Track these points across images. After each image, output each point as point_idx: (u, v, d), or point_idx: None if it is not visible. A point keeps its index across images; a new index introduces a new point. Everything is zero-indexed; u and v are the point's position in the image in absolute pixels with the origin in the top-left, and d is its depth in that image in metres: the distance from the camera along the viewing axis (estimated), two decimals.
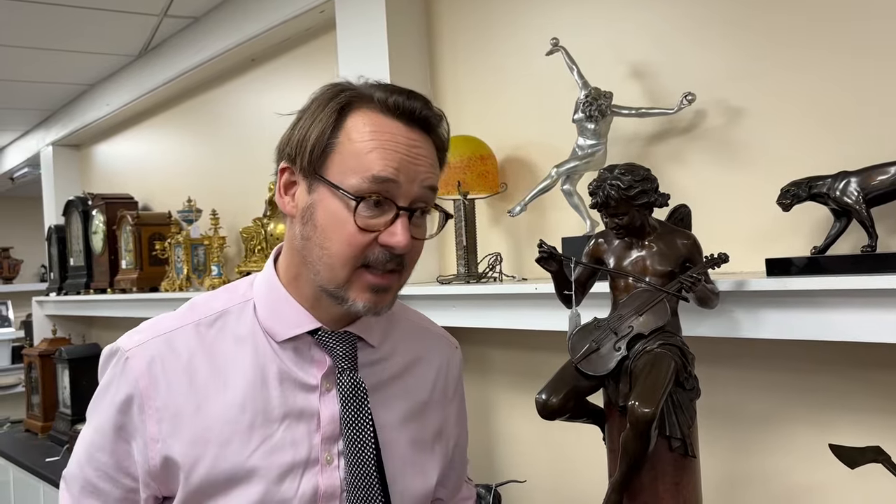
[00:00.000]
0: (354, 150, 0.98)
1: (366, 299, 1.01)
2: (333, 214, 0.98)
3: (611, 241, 1.33)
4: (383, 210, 0.98)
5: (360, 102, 1.01)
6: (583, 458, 1.83)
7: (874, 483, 1.24)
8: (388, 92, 1.01)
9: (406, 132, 1.00)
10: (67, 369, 3.91)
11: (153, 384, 1.02)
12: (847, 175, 1.29)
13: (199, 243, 3.22)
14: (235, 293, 1.11)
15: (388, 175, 0.97)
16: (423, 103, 1.02)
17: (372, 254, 0.99)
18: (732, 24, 1.57)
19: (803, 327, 1.29)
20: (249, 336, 1.07)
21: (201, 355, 1.05)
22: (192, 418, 1.02)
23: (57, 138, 4.66)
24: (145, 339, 1.06)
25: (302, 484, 1.04)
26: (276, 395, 1.05)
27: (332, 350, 1.07)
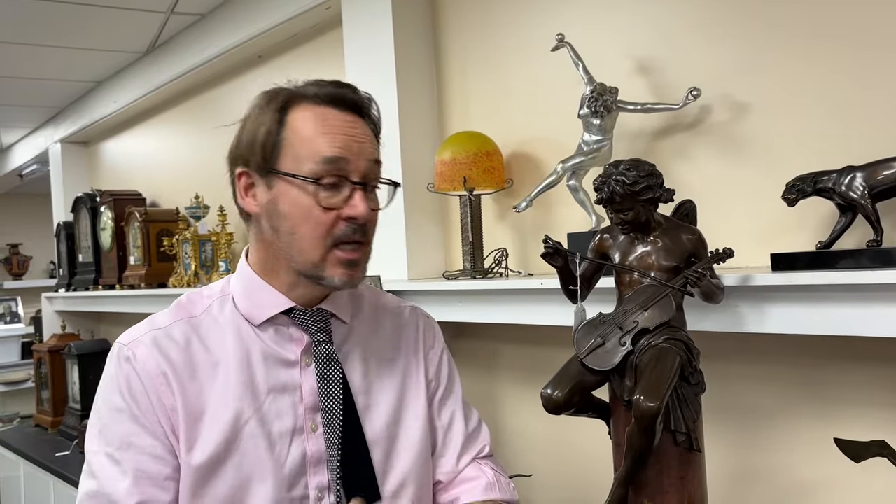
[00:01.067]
0: (302, 139, 1.10)
1: (341, 274, 1.11)
2: (295, 202, 1.09)
3: (616, 237, 1.33)
4: (339, 188, 1.09)
5: (297, 99, 1.13)
6: (588, 453, 1.84)
7: (879, 477, 1.24)
8: (319, 86, 1.13)
9: (343, 116, 1.12)
10: (77, 365, 3.93)
11: (161, 363, 1.12)
12: (852, 170, 1.29)
13: (207, 239, 3.23)
14: (214, 291, 1.23)
15: (337, 154, 1.09)
16: (352, 90, 1.14)
17: (339, 230, 1.10)
18: (738, 18, 1.57)
19: (808, 322, 1.29)
20: (231, 324, 1.18)
21: (196, 341, 1.16)
22: (195, 395, 1.12)
23: (65, 135, 4.68)
24: (145, 331, 1.16)
25: (291, 450, 1.15)
26: (261, 372, 1.16)
27: (307, 326, 1.18)
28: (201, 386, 1.13)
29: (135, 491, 1.08)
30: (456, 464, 1.33)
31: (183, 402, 1.11)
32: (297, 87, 1.14)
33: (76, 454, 3.52)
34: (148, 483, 1.09)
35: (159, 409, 1.10)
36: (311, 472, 1.16)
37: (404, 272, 2.15)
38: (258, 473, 1.12)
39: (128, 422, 1.11)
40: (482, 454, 1.37)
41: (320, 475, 1.16)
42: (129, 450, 1.10)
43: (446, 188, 1.98)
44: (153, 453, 1.10)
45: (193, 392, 1.12)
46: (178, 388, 1.11)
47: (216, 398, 1.13)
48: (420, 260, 2.19)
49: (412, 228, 2.17)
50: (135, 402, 1.11)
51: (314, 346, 1.18)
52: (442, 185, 1.99)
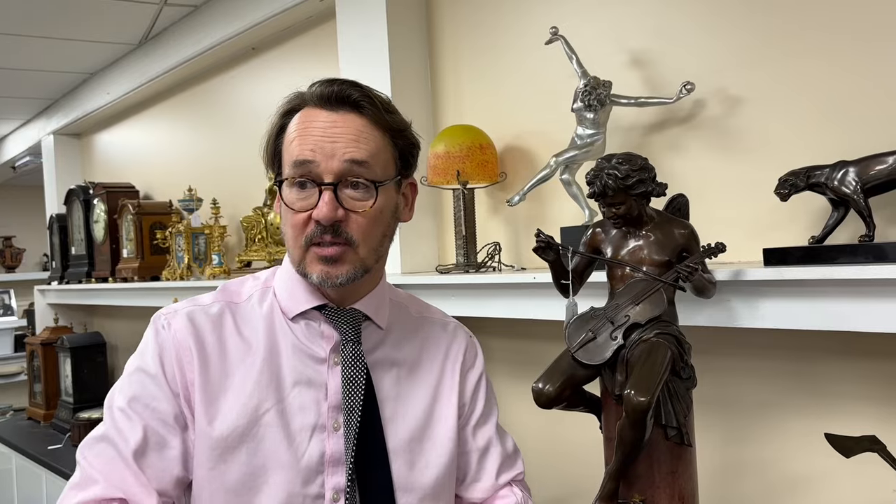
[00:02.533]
0: (287, 144, 1.13)
1: (318, 270, 1.12)
2: (280, 203, 1.14)
3: (608, 231, 1.33)
4: (311, 191, 1.10)
5: (300, 104, 1.14)
6: (579, 447, 1.84)
7: (870, 472, 1.24)
8: (316, 86, 1.13)
9: (326, 115, 1.10)
10: (69, 358, 3.92)
11: (189, 336, 1.15)
12: (845, 165, 1.29)
13: (200, 232, 3.22)
14: (259, 280, 1.26)
15: (304, 157, 1.09)
16: (343, 85, 1.11)
17: (309, 230, 1.11)
18: (732, 13, 1.56)
19: (800, 317, 1.29)
20: (269, 314, 1.20)
21: (231, 325, 1.18)
22: (219, 375, 1.14)
23: (58, 127, 4.66)
24: (185, 307, 1.20)
25: (310, 446, 1.14)
26: (288, 364, 1.16)
27: (337, 323, 1.18)
28: (227, 368, 1.15)
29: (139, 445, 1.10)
30: (494, 484, 1.30)
31: (203, 379, 1.13)
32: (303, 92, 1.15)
33: (68, 447, 3.51)
34: (154, 447, 1.11)
35: (180, 378, 1.13)
36: (329, 471, 1.14)
37: (397, 266, 2.15)
38: (273, 463, 1.12)
39: (149, 384, 1.13)
40: (518, 479, 1.34)
41: (338, 476, 1.14)
42: (142, 407, 1.12)
43: (439, 182, 1.98)
44: (163, 418, 1.12)
45: (217, 371, 1.14)
46: (201, 365, 1.13)
47: (239, 382, 1.14)
48: (413, 253, 2.18)
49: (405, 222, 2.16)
50: (160, 368, 1.13)
51: (342, 344, 1.18)
52: (435, 178, 1.98)
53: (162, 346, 1.15)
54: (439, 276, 1.96)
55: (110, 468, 1.09)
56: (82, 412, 3.68)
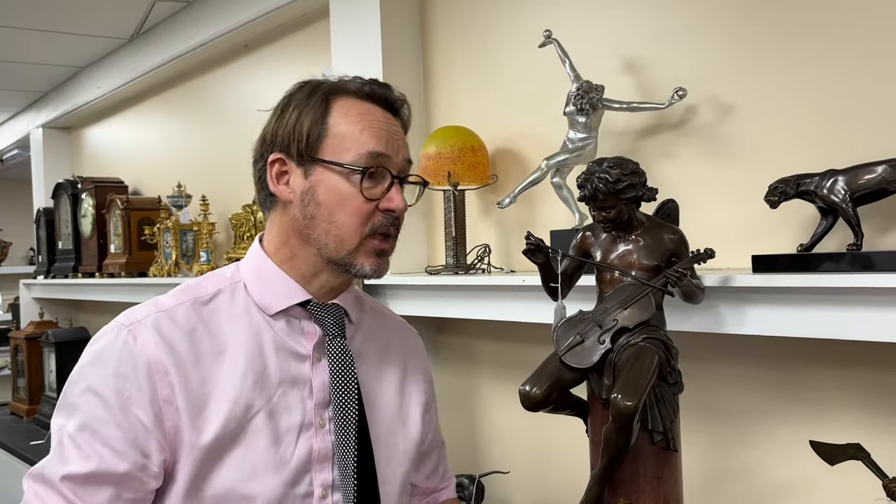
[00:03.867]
0: (346, 131, 1.11)
1: (372, 263, 1.13)
2: (336, 190, 1.10)
3: (598, 235, 1.33)
4: (378, 181, 1.12)
5: (340, 92, 1.14)
6: (566, 450, 1.84)
7: (855, 479, 1.25)
8: (360, 82, 1.16)
9: (383, 114, 1.16)
10: (54, 353, 3.89)
11: (161, 351, 1.07)
12: (835, 173, 1.29)
13: (189, 229, 3.21)
14: (224, 276, 1.20)
15: (381, 150, 1.12)
16: (391, 90, 1.18)
17: (376, 220, 1.12)
18: (726, 20, 1.57)
19: (787, 324, 1.29)
20: (244, 312, 1.15)
21: (202, 329, 1.12)
22: (198, 384, 1.08)
23: (47, 120, 4.63)
24: (147, 314, 1.11)
25: (298, 446, 1.13)
26: (273, 363, 1.13)
27: (321, 320, 1.17)
28: (205, 374, 1.09)
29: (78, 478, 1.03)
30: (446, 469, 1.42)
31: (184, 393, 1.06)
32: (338, 81, 1.16)
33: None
34: (99, 475, 1.04)
35: (149, 399, 1.05)
36: (317, 468, 1.14)
37: None
38: (262, 467, 1.09)
39: (98, 408, 1.05)
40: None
41: (325, 472, 1.14)
42: (89, 435, 1.05)
43: (430, 182, 1.97)
44: (112, 446, 1.04)
45: (196, 381, 1.08)
46: (179, 379, 1.06)
47: (223, 387, 1.09)
48: (402, 254, 2.17)
49: None
50: (116, 391, 1.05)
51: (327, 340, 1.17)
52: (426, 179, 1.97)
53: (121, 364, 1.06)
54: (428, 276, 1.96)
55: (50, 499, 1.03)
56: None
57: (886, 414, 1.37)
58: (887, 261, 1.21)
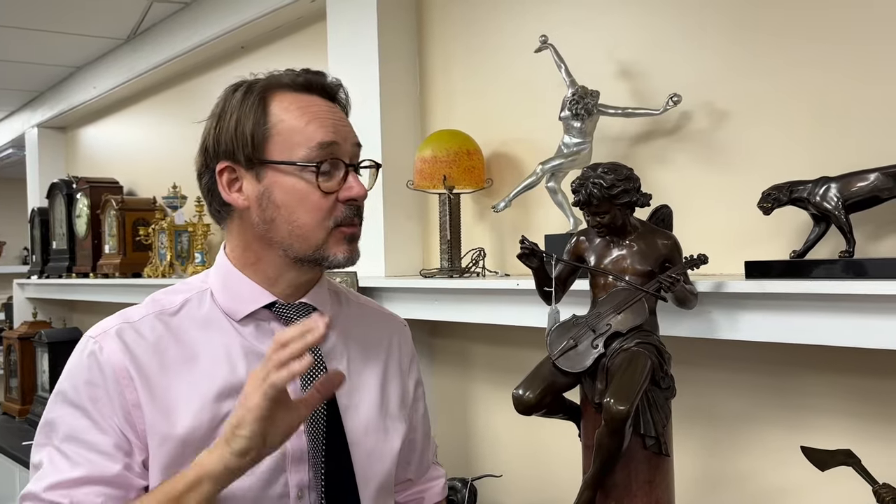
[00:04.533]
0: (291, 127, 1.09)
1: (344, 250, 1.12)
2: (292, 189, 1.09)
3: (592, 240, 1.33)
4: (333, 172, 1.10)
5: (275, 88, 1.12)
6: (558, 454, 1.84)
7: (845, 485, 1.25)
8: (294, 73, 1.14)
9: (323, 102, 1.13)
10: (47, 353, 3.88)
11: (125, 358, 1.08)
12: (827, 181, 1.30)
13: (184, 230, 3.20)
14: (191, 285, 1.20)
15: (330, 139, 1.09)
16: (325, 76, 1.16)
17: (339, 213, 1.10)
18: (721, 27, 1.58)
19: (780, 330, 1.30)
20: (210, 319, 1.15)
21: (168, 338, 1.12)
22: (164, 390, 1.09)
23: (42, 120, 4.63)
24: (113, 325, 1.13)
25: None
26: (242, 368, 1.12)
27: (289, 320, 1.15)
28: (171, 381, 1.09)
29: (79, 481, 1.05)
30: (429, 461, 1.39)
31: (149, 398, 1.07)
32: (270, 77, 1.14)
33: None
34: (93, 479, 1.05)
35: (118, 404, 1.07)
36: (292, 469, 1.13)
37: (381, 269, 2.14)
38: None
39: (80, 418, 1.07)
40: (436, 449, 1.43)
41: (300, 473, 1.13)
42: (77, 445, 1.06)
43: (426, 186, 1.98)
44: (100, 450, 1.06)
45: (161, 387, 1.09)
46: (143, 385, 1.08)
47: (189, 393, 1.09)
48: (397, 257, 2.18)
49: (390, 225, 2.16)
50: (89, 399, 1.07)
51: None
52: (421, 182, 1.98)
53: (91, 373, 1.08)
54: (423, 280, 1.96)
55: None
56: None
57: (877, 420, 1.37)
58: (879, 268, 1.22)
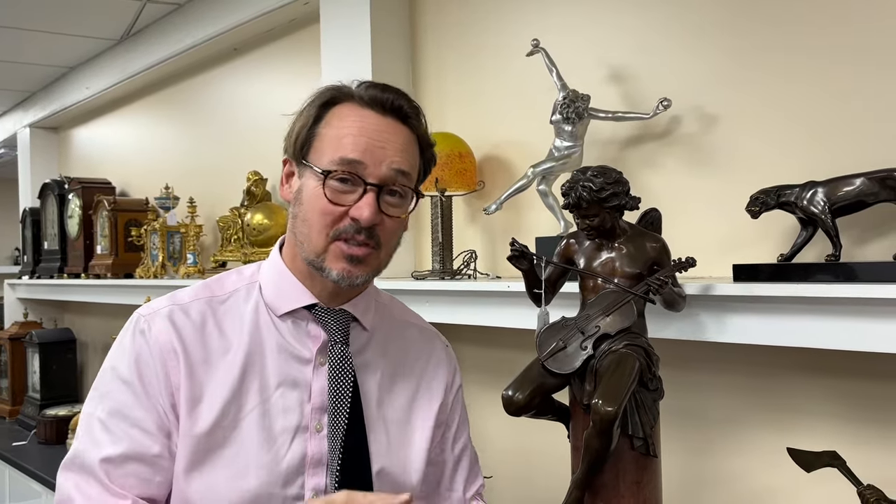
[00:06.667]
0: (331, 136, 1.12)
1: (340, 268, 1.11)
2: (312, 191, 1.11)
3: (582, 242, 1.35)
4: (353, 188, 1.10)
5: (341, 98, 1.14)
6: (547, 455, 1.85)
7: (832, 486, 1.27)
8: (365, 87, 1.15)
9: (378, 120, 1.12)
10: (38, 353, 3.87)
11: (173, 339, 1.12)
12: (815, 185, 1.31)
13: (176, 231, 3.20)
14: (243, 275, 1.23)
15: (354, 157, 1.09)
16: (396, 95, 1.14)
17: (342, 225, 1.10)
18: (711, 32, 1.59)
19: (767, 332, 1.31)
20: (254, 311, 1.17)
21: (212, 324, 1.15)
22: (201, 375, 1.12)
23: (35, 120, 4.61)
24: (163, 305, 1.16)
25: (291, 448, 1.13)
26: (273, 365, 1.15)
27: (326, 324, 1.17)
28: (209, 369, 1.12)
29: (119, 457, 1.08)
30: (463, 495, 1.32)
31: (188, 384, 1.10)
32: (346, 86, 1.16)
33: (34, 444, 3.46)
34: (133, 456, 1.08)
35: (164, 384, 1.10)
36: (310, 472, 1.13)
37: None
38: (254, 465, 1.10)
39: (127, 393, 1.10)
40: (480, 491, 1.35)
41: (318, 477, 1.13)
42: (120, 419, 1.09)
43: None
44: (143, 427, 1.09)
45: (200, 373, 1.11)
46: (186, 368, 1.10)
47: (219, 384, 1.12)
48: None
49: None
50: (139, 376, 1.10)
51: (330, 345, 1.17)
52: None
53: (140, 351, 1.11)
54: (415, 281, 1.97)
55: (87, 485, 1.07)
56: (49, 409, 3.63)
57: (862, 422, 1.39)
58: (865, 271, 1.23)
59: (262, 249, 2.75)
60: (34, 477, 3.02)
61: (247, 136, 3.05)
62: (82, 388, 4.19)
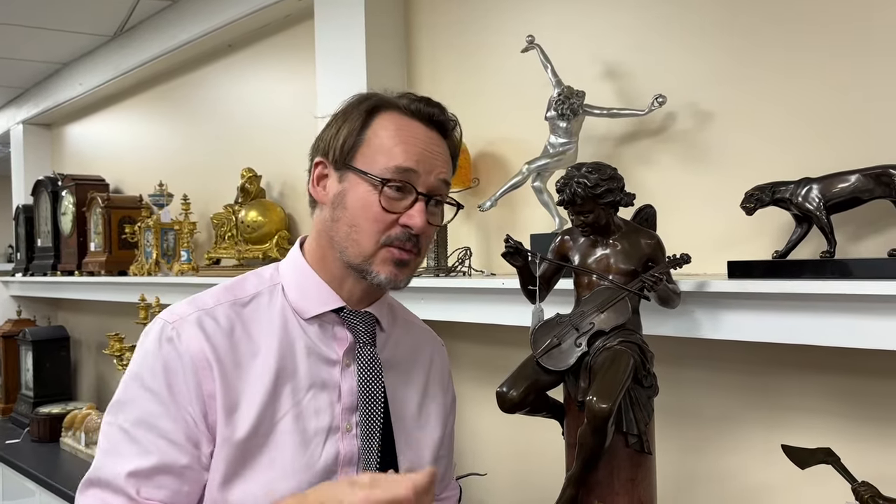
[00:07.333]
0: (381, 144, 1.14)
1: (388, 272, 1.13)
2: (362, 197, 1.13)
3: (576, 239, 1.34)
4: (404, 196, 1.13)
5: (385, 106, 1.17)
6: (542, 453, 1.85)
7: (826, 483, 1.27)
8: (410, 99, 1.18)
9: (425, 132, 1.16)
10: (31, 351, 3.86)
11: (205, 347, 1.10)
12: (809, 182, 1.31)
13: (170, 228, 3.19)
14: (263, 277, 1.23)
15: (409, 165, 1.12)
16: (440, 110, 1.19)
17: (394, 232, 1.12)
18: (706, 29, 1.59)
19: (762, 329, 1.31)
20: (280, 315, 1.18)
21: (241, 330, 1.15)
22: (235, 381, 1.11)
23: (28, 117, 4.60)
24: (190, 311, 1.14)
25: (325, 449, 1.14)
26: (303, 367, 1.16)
27: (353, 327, 1.19)
28: (241, 374, 1.12)
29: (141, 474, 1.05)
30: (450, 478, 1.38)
31: (223, 391, 1.09)
32: (390, 95, 1.19)
33: (27, 442, 3.45)
34: (160, 469, 1.06)
35: (195, 394, 1.08)
36: (343, 472, 1.15)
37: None
38: (291, 469, 1.11)
39: (154, 402, 1.08)
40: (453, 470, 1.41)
41: (350, 476, 1.14)
42: (146, 430, 1.07)
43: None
44: (170, 438, 1.07)
45: (233, 379, 1.11)
46: (220, 375, 1.09)
47: (254, 388, 1.11)
48: None
49: None
50: (167, 386, 1.08)
51: (358, 348, 1.19)
52: None
53: (168, 359, 1.09)
54: None
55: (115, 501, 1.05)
56: (42, 407, 3.61)
57: (857, 419, 1.39)
58: (860, 268, 1.23)
59: (256, 247, 2.74)
60: (27, 475, 3.01)
61: (241, 132, 3.04)
62: (76, 385, 4.18)
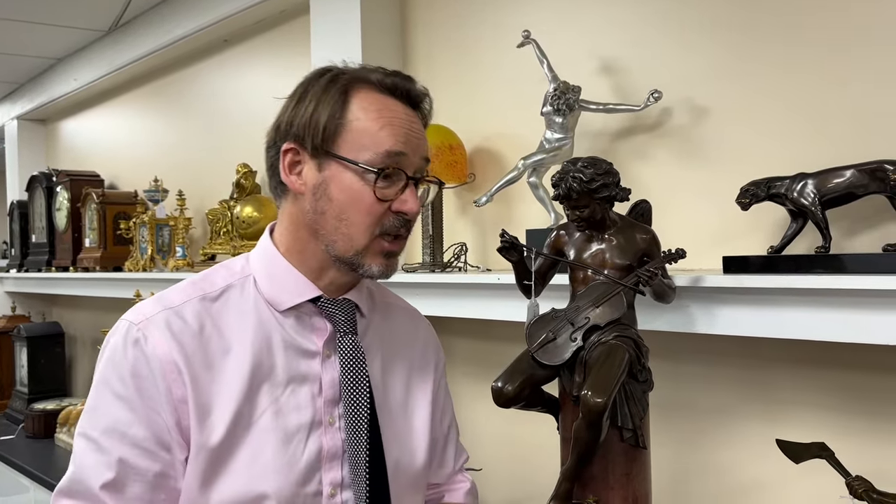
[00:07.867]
0: (365, 128, 1.06)
1: (380, 263, 1.09)
2: (349, 188, 1.06)
3: (572, 234, 1.34)
4: (393, 182, 1.07)
5: (359, 84, 1.09)
6: (538, 447, 1.85)
7: (821, 477, 1.27)
8: (382, 73, 1.11)
9: (404, 109, 1.10)
10: (26, 347, 3.85)
11: (173, 350, 1.04)
12: (805, 177, 1.31)
13: (165, 224, 3.18)
14: (233, 269, 1.16)
15: (399, 149, 1.06)
16: (413, 83, 1.12)
17: (387, 221, 1.07)
18: (702, 25, 1.59)
19: (757, 324, 1.31)
20: (253, 308, 1.11)
21: (211, 327, 1.09)
22: (207, 383, 1.05)
23: (22, 112, 4.58)
24: (156, 311, 1.08)
25: (308, 445, 1.09)
26: (281, 362, 1.10)
27: (332, 316, 1.13)
28: (214, 374, 1.06)
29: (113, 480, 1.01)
30: (454, 467, 1.34)
31: (194, 393, 1.03)
32: (359, 70, 1.12)
33: (21, 438, 3.45)
34: (133, 478, 1.02)
35: (166, 399, 1.03)
36: (326, 467, 1.10)
37: None
38: (273, 468, 1.06)
39: (124, 410, 1.03)
40: (465, 463, 1.37)
41: (334, 471, 1.11)
42: (117, 439, 1.03)
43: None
44: (143, 446, 1.03)
45: (205, 381, 1.05)
46: (190, 378, 1.04)
47: (229, 387, 1.06)
48: None
49: None
50: (136, 391, 1.03)
51: (338, 337, 1.13)
52: None
53: (136, 363, 1.03)
54: (405, 274, 1.96)
55: None
56: (37, 403, 3.61)
57: (851, 414, 1.39)
58: (855, 263, 1.23)
59: (251, 242, 2.74)
60: (22, 471, 3.01)
61: (236, 128, 3.03)
62: (71, 382, 4.17)
